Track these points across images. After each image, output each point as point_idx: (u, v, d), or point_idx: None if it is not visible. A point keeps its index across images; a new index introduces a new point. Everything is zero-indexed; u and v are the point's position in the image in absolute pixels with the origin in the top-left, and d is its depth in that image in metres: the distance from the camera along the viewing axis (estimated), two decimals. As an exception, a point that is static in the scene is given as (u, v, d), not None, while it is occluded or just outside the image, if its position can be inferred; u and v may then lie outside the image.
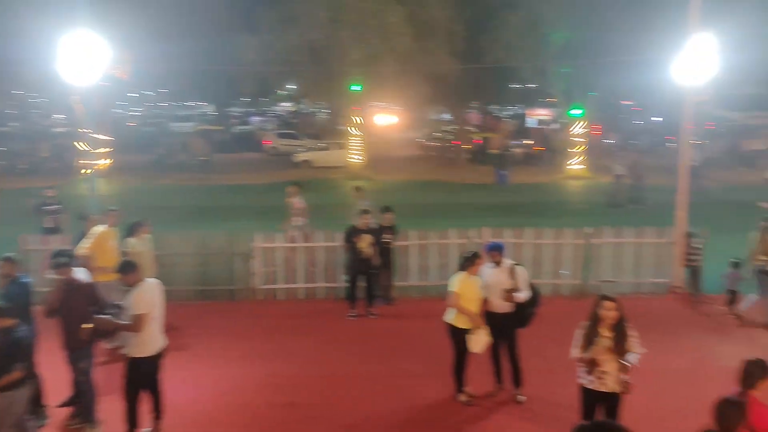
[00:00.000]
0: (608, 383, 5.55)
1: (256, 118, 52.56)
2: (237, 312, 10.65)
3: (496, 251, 7.39)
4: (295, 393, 7.66)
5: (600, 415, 5.70)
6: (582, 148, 26.81)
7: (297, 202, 12.31)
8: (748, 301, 9.96)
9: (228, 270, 11.20)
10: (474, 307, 7.14)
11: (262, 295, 11.21)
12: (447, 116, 42.82)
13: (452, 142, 34.00)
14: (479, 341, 7.18)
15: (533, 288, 7.39)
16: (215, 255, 11.19)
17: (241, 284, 11.21)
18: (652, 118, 42.67)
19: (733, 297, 10.22)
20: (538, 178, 26.88)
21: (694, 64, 10.56)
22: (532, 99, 43.56)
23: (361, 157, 28.54)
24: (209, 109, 57.45)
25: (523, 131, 39.93)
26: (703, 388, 7.27)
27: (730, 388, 4.48)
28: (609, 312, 5.51)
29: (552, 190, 24.52)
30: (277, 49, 25.30)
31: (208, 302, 11.03)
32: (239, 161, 32.87)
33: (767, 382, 4.43)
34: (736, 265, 10.26)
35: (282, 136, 37.93)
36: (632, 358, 5.55)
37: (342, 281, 11.05)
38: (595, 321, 5.59)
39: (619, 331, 5.53)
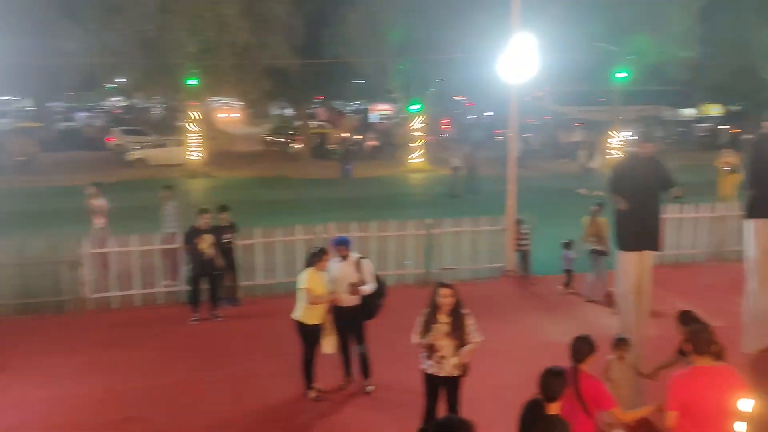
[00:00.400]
0: (446, 367, 5.77)
1: (83, 114, 48.70)
2: (66, 325, 9.78)
3: (342, 245, 7.43)
4: (134, 407, 7.19)
5: (442, 399, 5.94)
6: (422, 141, 27.86)
7: (98, 203, 11.53)
8: (587, 280, 10.79)
9: (53, 280, 10.25)
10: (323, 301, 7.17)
11: (94, 305, 10.40)
12: (290, 111, 42.55)
13: (295, 137, 33.85)
14: (329, 342, 7.26)
15: (379, 280, 7.53)
16: (37, 264, 10.18)
17: (70, 295, 10.32)
18: (485, 113, 45.48)
19: (569, 276, 11.12)
20: (382, 172, 27.56)
21: (516, 62, 11.34)
22: (374, 94, 44.53)
23: (200, 154, 27.47)
24: (27, 103, 52.25)
25: (366, 126, 40.77)
26: (536, 362, 7.84)
27: (560, 361, 4.84)
28: (445, 299, 5.72)
29: (395, 183, 25.25)
30: (104, 39, 23.58)
31: (32, 317, 10.03)
32: (68, 161, 30.25)
33: (594, 357, 4.84)
34: (566, 245, 11.18)
35: (127, 132, 35.26)
36: (469, 347, 5.80)
37: (183, 284, 10.57)
38: (433, 308, 5.79)
39: (456, 316, 5.76)
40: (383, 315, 7.63)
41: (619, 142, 27.36)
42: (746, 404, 3.65)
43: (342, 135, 34.03)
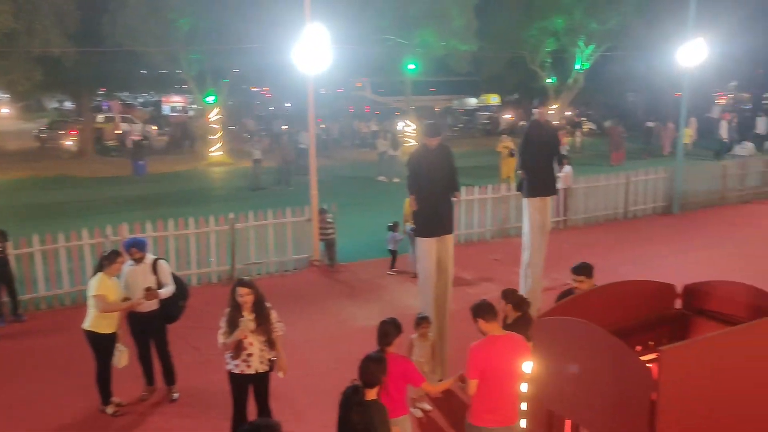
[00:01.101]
0: (254, 364, 5.64)
1: None
2: None
3: (135, 247, 6.90)
4: None
5: (252, 397, 5.81)
6: (220, 134, 26.99)
7: None
8: (409, 259, 11.20)
9: None
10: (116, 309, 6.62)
11: None
12: (69, 104, 38.73)
13: (70, 131, 30.64)
14: (121, 356, 6.74)
15: (178, 281, 7.13)
16: None
17: None
18: (286, 104, 45.28)
19: (393, 257, 11.58)
20: (180, 167, 26.26)
21: (310, 53, 11.38)
22: (166, 86, 42.14)
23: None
24: None
25: (159, 119, 38.52)
26: (345, 349, 8.05)
27: (368, 345, 4.95)
28: (245, 297, 5.58)
29: (195, 178, 24.19)
30: None
31: None
32: None
33: (400, 338, 5.02)
34: (392, 227, 11.58)
35: None
36: (275, 345, 5.74)
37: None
38: (234, 306, 5.63)
39: (260, 312, 5.64)
40: (187, 317, 7.25)
41: (412, 130, 28.88)
42: (528, 366, 4.02)
43: (123, 129, 31.78)
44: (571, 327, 3.00)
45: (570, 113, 34.50)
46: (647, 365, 2.75)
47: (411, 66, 26.83)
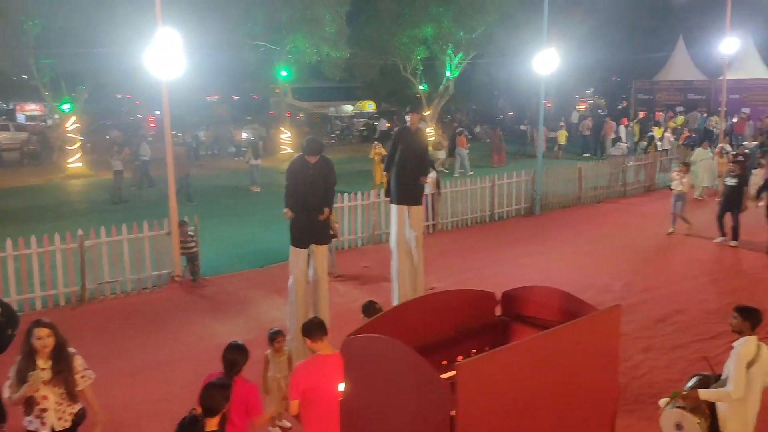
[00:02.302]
0: (49, 421, 4.79)
1: None
2: None
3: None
4: None
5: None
6: (78, 144, 25.23)
7: None
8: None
9: None
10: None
11: None
12: None
13: None
14: None
15: (5, 306, 6.41)
16: None
17: None
18: (156, 111, 43.19)
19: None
20: (33, 180, 24.25)
21: (163, 57, 10.81)
22: (20, 92, 38.92)
23: None
24: None
25: (13, 128, 35.47)
26: (206, 368, 7.60)
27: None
28: (44, 340, 4.74)
29: (49, 191, 22.40)
30: None
31: None
32: None
33: (247, 362, 4.71)
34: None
35: None
36: (77, 398, 4.91)
37: None
38: (27, 353, 4.78)
39: (58, 359, 4.80)
40: (16, 348, 6.54)
41: (288, 138, 28.48)
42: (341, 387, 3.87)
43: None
44: (377, 345, 2.90)
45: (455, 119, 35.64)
46: (446, 381, 2.69)
47: (283, 73, 26.45)
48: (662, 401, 5.44)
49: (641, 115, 30.49)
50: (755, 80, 29.74)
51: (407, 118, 9.25)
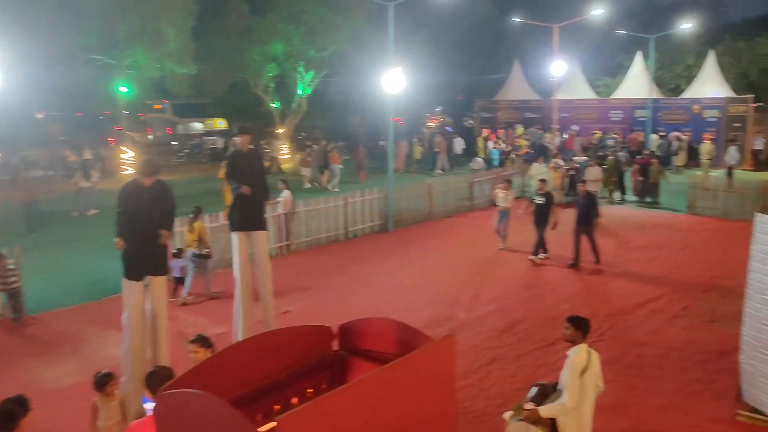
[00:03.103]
0: None
1: None
2: None
3: None
4: None
5: None
6: None
7: None
8: (187, 283, 11.16)
9: None
10: None
11: None
12: None
13: None
14: None
15: None
16: None
17: None
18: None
19: (181, 283, 11.18)
20: None
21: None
22: None
23: None
24: None
25: None
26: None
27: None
28: None
29: None
30: None
31: None
32: None
33: (30, 417, 4.16)
34: (176, 254, 11.05)
35: None
36: None
37: None
38: None
39: None
40: None
41: (131, 158, 26.80)
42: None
43: None
44: (190, 400, 2.62)
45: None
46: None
47: (123, 89, 24.88)
48: (506, 414, 5.57)
49: (485, 132, 32.19)
50: (582, 100, 32.52)
51: (236, 140, 8.88)
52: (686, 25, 30.51)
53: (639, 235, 16.23)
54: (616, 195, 21.08)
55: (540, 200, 13.73)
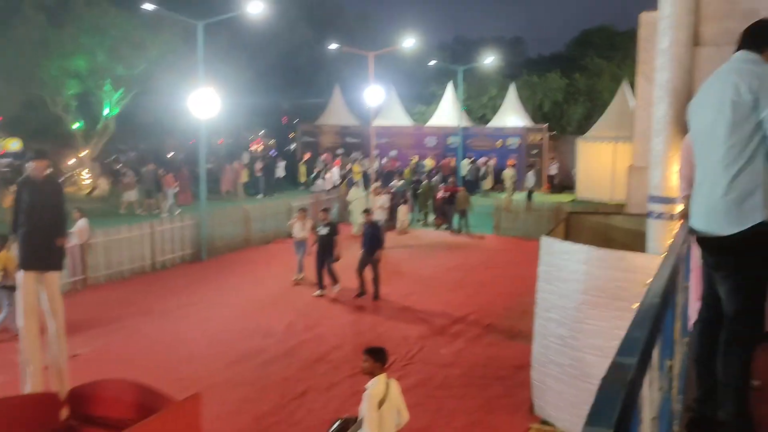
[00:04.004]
0: None
1: None
2: None
3: None
4: None
5: None
6: None
7: None
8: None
9: None
10: None
11: None
12: None
13: None
14: None
15: None
16: None
17: None
18: None
19: None
20: None
21: None
22: None
23: None
24: None
25: None
26: None
27: None
28: None
29: None
30: None
31: None
32: None
33: None
34: None
35: None
36: None
37: None
38: None
39: None
40: None
41: None
42: None
43: None
44: None
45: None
46: None
47: None
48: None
49: (306, 156, 32.18)
50: (400, 127, 33.78)
51: (30, 165, 7.68)
52: (490, 59, 33.00)
53: (449, 257, 16.96)
54: (431, 218, 21.94)
55: (324, 231, 12.82)
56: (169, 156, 32.10)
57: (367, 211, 13.92)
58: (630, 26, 16.55)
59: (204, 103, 15.89)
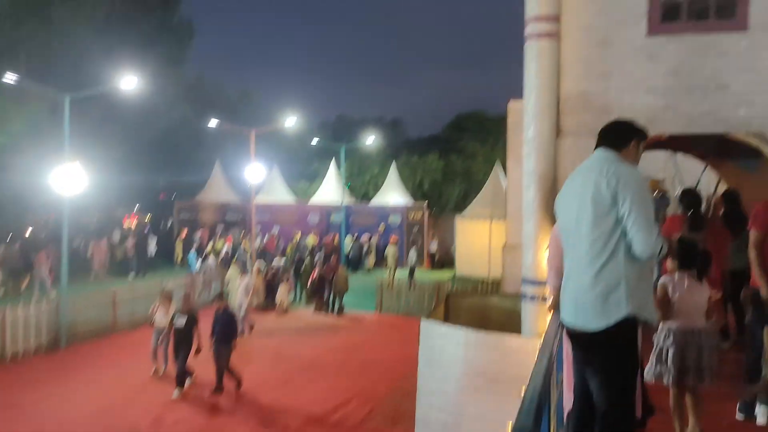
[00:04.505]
0: None
1: None
2: None
3: None
4: None
5: None
6: None
7: None
8: None
9: None
10: None
11: None
12: None
13: None
14: None
15: None
16: None
17: None
18: None
19: None
20: None
21: None
22: None
23: None
24: None
25: None
26: None
27: None
28: None
29: None
30: None
31: None
32: None
33: None
34: None
35: None
36: None
37: None
38: None
39: None
40: None
41: None
42: None
43: None
44: None
45: None
46: None
47: None
48: None
49: (183, 233, 30.95)
50: (282, 203, 33.52)
51: None
52: (371, 139, 33.94)
53: (332, 338, 16.58)
54: (305, 297, 21.48)
55: (180, 322, 11.52)
56: (27, 234, 29.59)
57: (220, 296, 12.76)
58: (500, 111, 17.67)
59: (68, 179, 14.92)
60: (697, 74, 7.06)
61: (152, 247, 28.11)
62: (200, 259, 25.72)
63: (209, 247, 27.88)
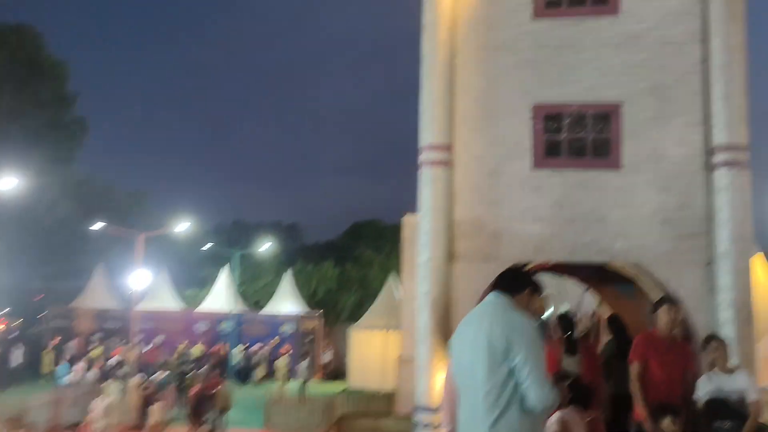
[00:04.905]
0: None
1: None
2: None
3: None
4: None
5: None
6: None
7: None
8: None
9: None
10: None
11: None
12: None
13: None
14: None
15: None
16: None
17: None
18: None
19: None
20: None
21: None
22: None
23: None
24: None
25: None
26: None
27: None
28: None
29: None
30: None
31: None
32: None
33: None
34: None
35: None
36: None
37: None
38: None
39: None
40: None
41: None
42: None
43: None
44: None
45: None
46: None
47: None
48: None
49: (54, 342, 28.46)
50: (167, 311, 31.80)
51: None
52: (266, 246, 33.52)
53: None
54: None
55: None
56: None
57: (11, 420, 11.29)
58: (396, 220, 18.03)
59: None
60: (579, 207, 7.52)
61: (17, 356, 25.53)
62: (71, 372, 23.55)
63: (85, 358, 25.69)
